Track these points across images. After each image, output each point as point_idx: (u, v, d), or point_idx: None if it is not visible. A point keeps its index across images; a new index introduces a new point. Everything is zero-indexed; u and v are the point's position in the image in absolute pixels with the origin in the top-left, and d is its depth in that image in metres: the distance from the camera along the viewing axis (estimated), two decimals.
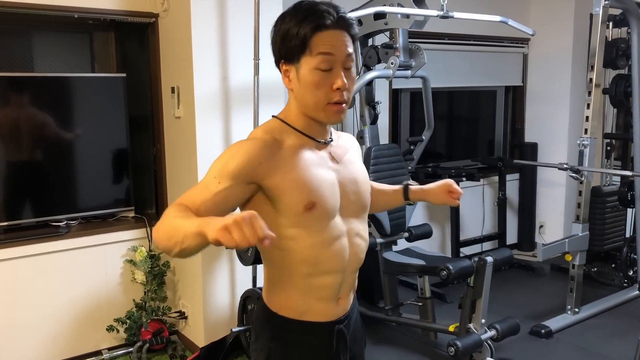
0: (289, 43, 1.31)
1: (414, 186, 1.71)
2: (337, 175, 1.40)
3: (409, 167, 3.96)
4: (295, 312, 1.41)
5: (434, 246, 4.79)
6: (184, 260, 3.39)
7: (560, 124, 5.19)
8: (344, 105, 1.34)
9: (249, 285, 3.27)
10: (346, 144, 1.51)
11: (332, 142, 1.44)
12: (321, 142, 1.41)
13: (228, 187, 1.26)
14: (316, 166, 1.36)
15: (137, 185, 3.54)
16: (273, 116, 1.43)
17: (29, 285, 3.09)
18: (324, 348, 1.44)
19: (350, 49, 1.33)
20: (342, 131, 1.60)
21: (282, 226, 1.32)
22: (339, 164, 1.43)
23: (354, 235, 1.43)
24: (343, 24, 1.31)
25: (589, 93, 3.83)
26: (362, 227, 1.47)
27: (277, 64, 1.37)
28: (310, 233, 1.33)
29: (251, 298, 3.17)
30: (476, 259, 3.11)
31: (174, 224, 1.17)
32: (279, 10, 3.22)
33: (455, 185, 1.66)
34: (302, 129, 1.38)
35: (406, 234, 3.65)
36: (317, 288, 1.39)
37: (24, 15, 3.05)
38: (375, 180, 3.62)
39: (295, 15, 1.30)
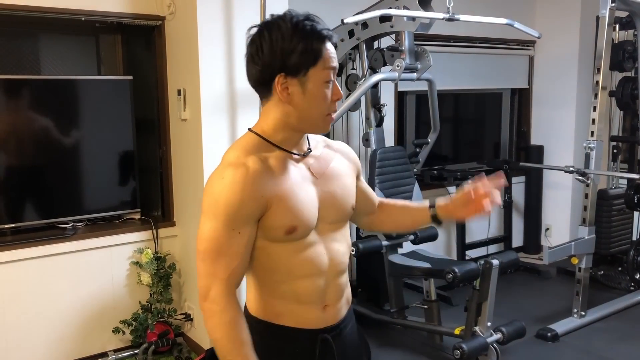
0: (298, 57, 1.28)
1: (441, 202, 1.54)
2: (316, 190, 1.39)
3: (415, 170, 3.95)
4: (272, 315, 1.39)
5: (439, 249, 4.78)
6: (189, 262, 3.40)
7: (566, 126, 5.18)
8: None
9: None
10: (329, 155, 1.47)
11: (310, 153, 1.42)
12: (299, 155, 1.40)
13: (249, 231, 1.30)
14: (299, 185, 1.35)
15: (143, 187, 3.55)
16: (249, 129, 1.40)
17: (35, 286, 3.10)
18: (306, 357, 1.40)
19: None
20: (345, 135, 1.59)
21: (256, 238, 1.34)
22: (318, 178, 1.40)
23: (330, 241, 1.41)
24: (333, 37, 1.35)
25: (595, 96, 3.82)
26: (340, 234, 1.45)
27: (269, 77, 1.32)
28: (282, 246, 1.34)
29: None
30: (482, 261, 3.11)
31: (233, 350, 1.29)
32: None
33: (475, 190, 1.43)
34: (280, 143, 1.36)
35: (412, 237, 3.64)
36: (295, 292, 1.37)
37: (31, 18, 3.07)
38: (380, 182, 3.62)
39: (299, 29, 1.28)
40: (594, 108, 3.82)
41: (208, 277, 1.29)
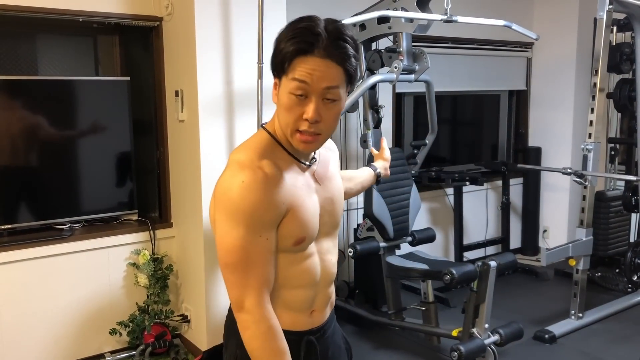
0: (276, 58, 1.26)
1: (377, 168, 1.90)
2: (318, 197, 1.38)
3: (412, 172, 3.95)
4: None
5: (437, 250, 4.78)
6: (187, 263, 3.40)
7: (564, 128, 5.18)
8: (316, 136, 1.26)
9: None
10: (327, 155, 1.47)
11: (315, 161, 1.40)
12: (305, 165, 1.37)
13: (273, 237, 1.27)
14: (306, 195, 1.33)
15: (141, 189, 3.54)
16: (262, 126, 1.37)
17: (32, 287, 3.09)
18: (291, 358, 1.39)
19: (334, 82, 1.22)
20: (343, 136, 1.59)
21: None
22: (320, 184, 1.40)
23: (325, 252, 1.42)
24: (332, 53, 1.20)
25: (593, 97, 3.82)
26: (332, 243, 1.46)
27: (272, 73, 1.31)
28: (283, 256, 1.32)
29: None
30: (480, 263, 3.10)
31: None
32: (283, 14, 3.23)
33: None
34: (288, 148, 1.33)
35: (409, 238, 3.64)
36: (285, 301, 1.36)
37: (29, 18, 3.07)
38: (379, 184, 3.63)
39: (288, 31, 1.23)
40: (592, 110, 3.82)
41: (240, 288, 1.25)
